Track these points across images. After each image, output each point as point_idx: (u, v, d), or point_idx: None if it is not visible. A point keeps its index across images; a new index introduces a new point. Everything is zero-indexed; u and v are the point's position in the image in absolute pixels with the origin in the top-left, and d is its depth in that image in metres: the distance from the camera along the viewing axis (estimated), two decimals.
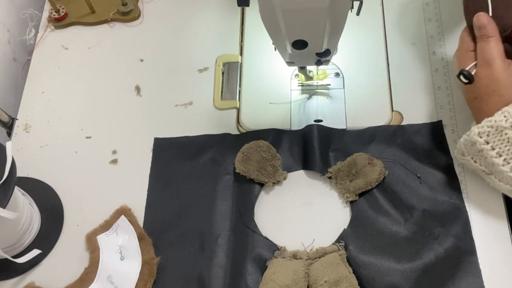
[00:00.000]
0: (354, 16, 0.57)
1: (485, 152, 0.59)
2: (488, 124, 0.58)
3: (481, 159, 0.60)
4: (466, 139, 0.61)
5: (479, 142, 0.59)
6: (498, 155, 0.58)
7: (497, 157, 0.58)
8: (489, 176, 0.61)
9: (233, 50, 0.81)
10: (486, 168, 0.61)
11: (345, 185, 0.67)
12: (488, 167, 0.60)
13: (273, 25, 0.56)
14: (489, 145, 0.58)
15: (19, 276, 0.67)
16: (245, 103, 0.76)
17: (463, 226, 0.63)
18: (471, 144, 0.60)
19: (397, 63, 0.77)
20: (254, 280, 0.63)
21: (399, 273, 0.61)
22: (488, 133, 0.58)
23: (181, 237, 0.67)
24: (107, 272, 0.65)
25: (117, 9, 0.86)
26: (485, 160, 0.60)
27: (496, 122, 0.57)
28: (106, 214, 0.70)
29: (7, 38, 0.87)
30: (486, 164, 0.60)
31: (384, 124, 0.72)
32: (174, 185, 0.71)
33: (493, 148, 0.58)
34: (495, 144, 0.58)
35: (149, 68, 0.82)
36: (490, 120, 0.58)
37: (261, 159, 0.69)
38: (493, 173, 0.60)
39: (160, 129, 0.76)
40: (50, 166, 0.75)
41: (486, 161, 0.60)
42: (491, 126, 0.58)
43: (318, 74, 0.76)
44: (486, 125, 0.58)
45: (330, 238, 0.65)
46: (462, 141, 0.62)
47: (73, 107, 0.80)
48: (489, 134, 0.58)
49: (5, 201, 0.58)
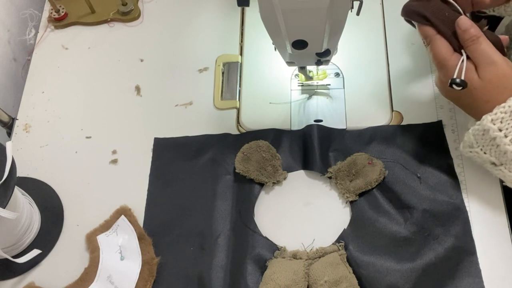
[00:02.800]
0: (354, 16, 0.57)
1: (498, 139, 0.58)
2: (502, 110, 0.57)
3: (492, 148, 0.59)
4: (477, 129, 0.59)
5: (492, 129, 0.57)
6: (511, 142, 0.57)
7: (510, 145, 0.57)
8: (498, 168, 0.60)
9: (233, 50, 0.81)
10: (497, 159, 0.60)
11: (345, 185, 0.67)
12: (499, 157, 0.59)
13: (273, 25, 0.56)
14: (502, 132, 0.57)
15: (19, 276, 0.67)
16: (245, 103, 0.76)
17: (463, 226, 0.63)
18: (482, 133, 0.59)
19: (397, 63, 0.77)
20: (254, 280, 0.63)
21: (399, 273, 0.61)
22: (502, 119, 0.57)
23: (181, 237, 0.67)
24: (107, 272, 0.65)
25: (117, 9, 0.86)
26: (497, 149, 0.59)
27: (510, 107, 0.56)
28: (106, 214, 0.70)
29: (7, 38, 0.87)
30: (497, 154, 0.59)
31: (384, 124, 0.72)
32: (174, 185, 0.71)
33: (506, 135, 0.57)
34: (508, 131, 0.57)
35: (149, 68, 0.82)
36: (503, 106, 0.57)
37: (261, 159, 0.69)
38: (503, 164, 0.59)
39: (160, 129, 0.76)
40: (50, 166, 0.75)
41: (498, 150, 0.59)
42: (505, 111, 0.57)
43: (318, 74, 0.76)
44: (499, 111, 0.57)
45: (330, 238, 0.65)
46: (471, 132, 0.60)
47: (73, 107, 0.80)
48: (502, 120, 0.57)
49: (5, 201, 0.58)
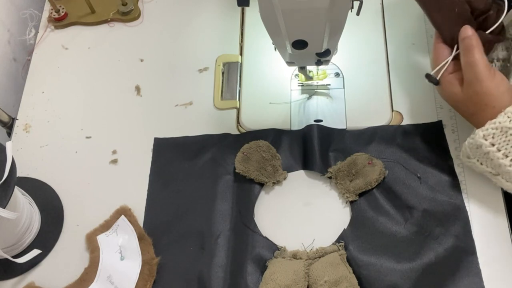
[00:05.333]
0: (354, 16, 0.57)
1: (491, 154, 0.59)
2: (493, 126, 0.58)
3: (488, 161, 0.60)
4: (471, 142, 0.61)
5: (484, 145, 0.59)
6: (505, 156, 0.58)
7: (503, 158, 0.58)
8: (496, 177, 0.61)
9: (233, 50, 0.81)
10: (493, 170, 0.61)
11: (345, 185, 0.67)
12: (495, 168, 0.60)
13: (273, 25, 0.56)
14: (494, 147, 0.58)
15: (19, 276, 0.67)
16: (245, 103, 0.76)
17: (463, 226, 0.63)
18: (476, 147, 0.60)
19: (397, 63, 0.77)
20: (254, 280, 0.63)
21: (399, 273, 0.61)
22: (493, 135, 0.58)
23: (181, 237, 0.67)
24: (107, 272, 0.65)
25: (117, 9, 0.86)
26: (492, 162, 0.60)
27: (501, 123, 0.57)
28: (106, 214, 0.70)
29: (7, 38, 0.87)
30: (492, 165, 0.60)
31: (384, 124, 0.72)
32: (174, 185, 0.71)
33: (499, 149, 0.58)
34: (500, 146, 0.58)
35: (149, 68, 0.82)
36: (494, 122, 0.58)
37: (261, 159, 0.69)
38: (500, 174, 0.60)
39: (160, 129, 0.75)
40: (50, 166, 0.75)
41: (493, 163, 0.60)
42: (496, 127, 0.58)
43: (318, 74, 0.76)
44: (490, 127, 0.58)
45: (330, 238, 0.65)
46: (467, 144, 0.62)
47: (73, 107, 0.80)
48: (494, 136, 0.58)
49: (5, 201, 0.58)
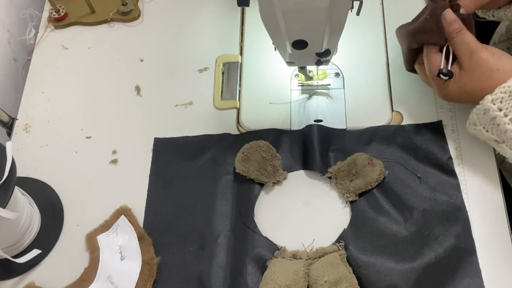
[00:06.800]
0: (354, 16, 0.57)
1: (498, 119, 0.59)
2: (502, 90, 0.58)
3: (494, 127, 0.60)
4: (479, 108, 0.61)
5: (492, 109, 0.59)
6: (511, 121, 0.58)
7: (509, 124, 0.58)
8: (500, 145, 0.61)
9: (233, 50, 0.81)
10: (498, 137, 0.61)
11: (345, 185, 0.67)
12: (500, 135, 0.60)
13: (273, 25, 0.56)
14: (502, 112, 0.58)
15: (19, 276, 0.67)
16: (245, 103, 0.76)
17: (463, 226, 0.63)
18: (484, 112, 0.60)
19: (397, 63, 0.76)
20: (254, 280, 0.63)
21: (399, 273, 0.61)
22: (502, 99, 0.58)
23: (181, 237, 0.67)
24: (107, 272, 0.65)
25: (117, 9, 0.86)
26: (498, 128, 0.60)
27: (510, 87, 0.58)
28: (106, 214, 0.70)
29: (7, 38, 0.87)
30: (498, 132, 0.60)
31: (384, 124, 0.72)
32: (174, 185, 0.71)
33: (506, 114, 0.58)
34: (508, 111, 0.58)
35: (149, 68, 0.82)
36: (503, 86, 0.58)
37: (261, 159, 0.69)
38: (505, 142, 0.60)
39: (160, 129, 0.75)
40: (50, 166, 0.75)
41: (499, 129, 0.60)
42: (505, 91, 0.58)
43: (318, 74, 0.76)
44: (499, 91, 0.58)
45: (330, 238, 0.65)
46: (475, 111, 0.62)
47: (73, 107, 0.80)
48: (502, 100, 0.58)
49: (5, 201, 0.58)
